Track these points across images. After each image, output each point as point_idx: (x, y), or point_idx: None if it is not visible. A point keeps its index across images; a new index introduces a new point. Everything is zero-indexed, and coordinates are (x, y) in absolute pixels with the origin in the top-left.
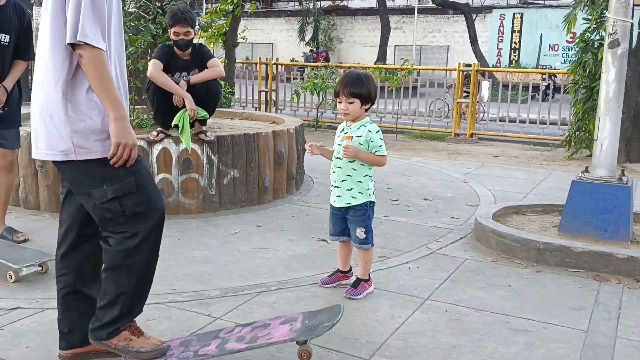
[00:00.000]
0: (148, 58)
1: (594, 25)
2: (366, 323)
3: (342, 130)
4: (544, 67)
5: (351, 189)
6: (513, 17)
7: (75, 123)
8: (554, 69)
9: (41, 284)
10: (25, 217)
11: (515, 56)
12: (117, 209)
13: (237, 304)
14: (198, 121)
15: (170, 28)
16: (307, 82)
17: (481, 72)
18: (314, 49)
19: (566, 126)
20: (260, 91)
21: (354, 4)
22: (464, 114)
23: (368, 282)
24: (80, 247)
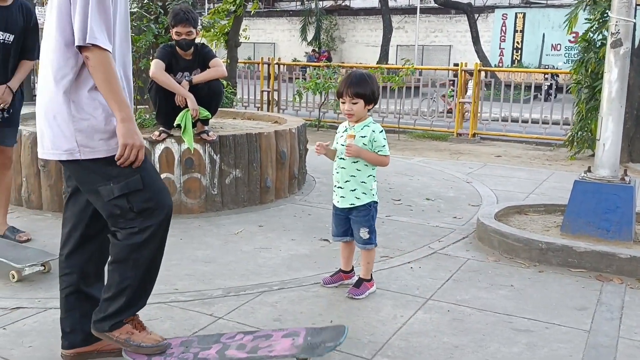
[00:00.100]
0: (150, 58)
1: (596, 25)
2: (368, 323)
3: (345, 130)
4: (547, 67)
5: (355, 190)
6: (515, 17)
7: (78, 122)
8: (557, 69)
9: (44, 284)
10: (27, 217)
11: (517, 56)
12: (125, 206)
13: (239, 304)
14: (200, 121)
15: (172, 28)
16: (309, 82)
17: (469, 72)
18: (316, 49)
19: (568, 126)
20: (262, 91)
21: (356, 4)
22: (451, 112)
23: (370, 282)
24: (84, 247)
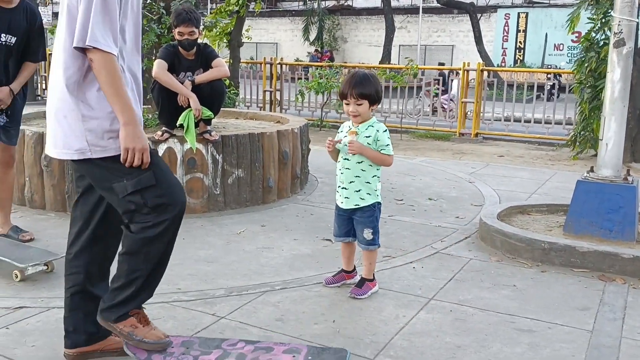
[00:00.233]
0: (153, 58)
1: (599, 24)
2: (370, 323)
3: (349, 129)
4: (549, 67)
5: (359, 190)
6: (518, 17)
7: (88, 122)
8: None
9: (46, 283)
10: (30, 217)
11: (520, 56)
12: (140, 202)
13: (242, 304)
14: (203, 121)
15: (174, 28)
16: (312, 82)
17: (451, 71)
18: (319, 49)
19: (571, 126)
20: (264, 91)
21: (359, 4)
22: (436, 110)
23: (372, 282)
24: (91, 247)
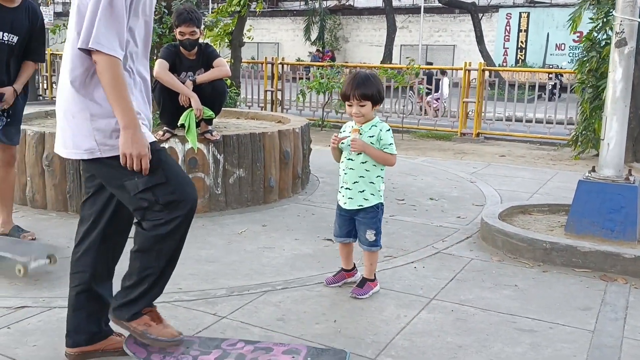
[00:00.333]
0: (154, 58)
1: (600, 24)
2: (372, 323)
3: (352, 128)
4: (551, 67)
5: (363, 191)
6: (519, 17)
7: (96, 121)
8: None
9: (48, 283)
10: (32, 216)
11: (521, 55)
12: (151, 199)
13: (243, 303)
14: (204, 121)
15: (176, 28)
16: (313, 82)
17: (439, 71)
18: (320, 49)
19: (573, 126)
20: (266, 91)
21: (360, 3)
22: (435, 111)
23: (374, 282)
24: (100, 246)
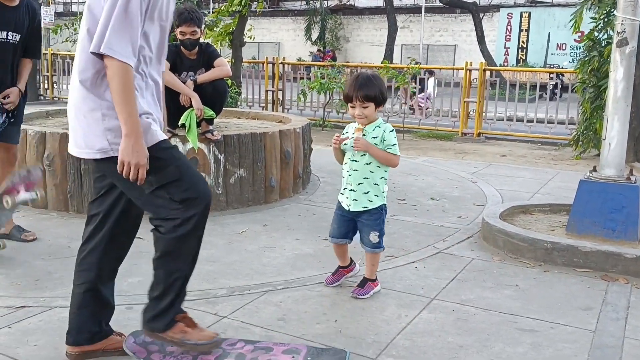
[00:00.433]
0: None
1: (601, 24)
2: (373, 322)
3: (354, 132)
4: (552, 66)
5: (368, 192)
6: (520, 16)
7: (108, 121)
8: (562, 68)
9: (49, 282)
10: (33, 216)
11: (522, 55)
12: (166, 197)
13: (244, 303)
14: (205, 120)
15: (176, 27)
16: (314, 82)
17: (427, 71)
18: (321, 49)
19: (574, 125)
20: (267, 90)
21: (361, 3)
22: (413, 109)
23: (375, 282)
24: (107, 246)
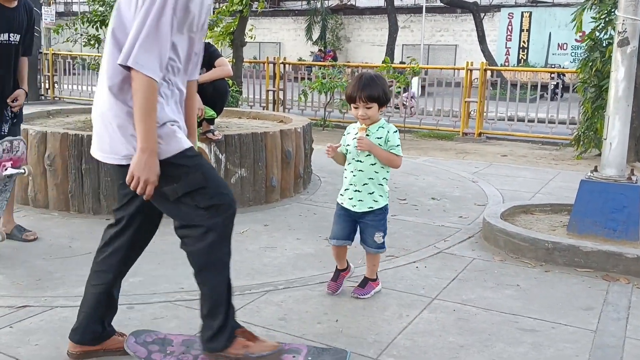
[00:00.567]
0: None
1: (602, 23)
2: (374, 322)
3: (357, 133)
4: (553, 66)
5: (373, 193)
6: (521, 16)
7: (134, 128)
8: (563, 68)
9: (50, 282)
10: (34, 216)
11: (523, 55)
12: (191, 204)
13: (245, 303)
14: (206, 120)
15: None
16: (315, 82)
17: (410, 72)
18: (322, 48)
19: (575, 125)
20: (267, 90)
21: (362, 3)
22: (398, 108)
23: (375, 282)
24: (126, 251)
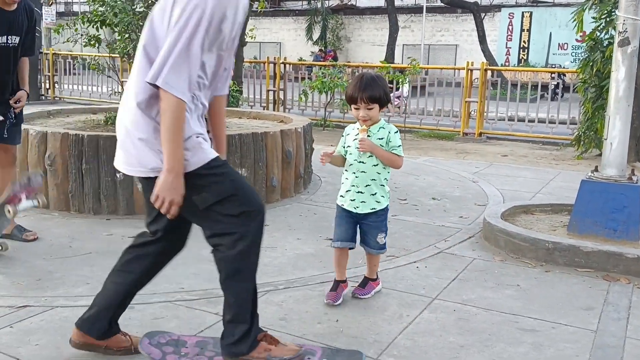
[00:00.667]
0: None
1: (603, 23)
2: (374, 322)
3: (357, 134)
4: (553, 66)
5: (375, 194)
6: (522, 16)
7: (160, 143)
8: (563, 68)
9: (50, 282)
10: (34, 216)
11: (524, 55)
12: (223, 212)
13: None
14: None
15: None
16: (315, 82)
17: (409, 72)
18: (322, 48)
19: (575, 125)
20: (268, 90)
21: (362, 3)
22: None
23: (376, 281)
24: (156, 258)
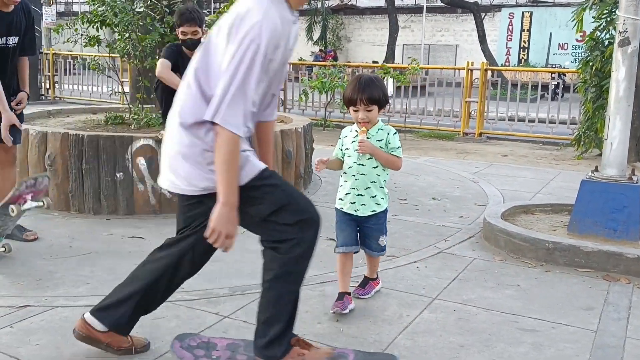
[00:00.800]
0: (156, 57)
1: (604, 23)
2: (374, 322)
3: (356, 135)
4: (554, 66)
5: (375, 196)
6: (522, 16)
7: (211, 164)
8: (564, 68)
9: (50, 282)
10: (34, 216)
11: (524, 55)
12: (279, 222)
13: (246, 303)
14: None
15: (178, 27)
16: (316, 82)
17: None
18: (322, 48)
19: (576, 125)
20: None
21: (362, 3)
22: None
23: (376, 281)
24: (177, 266)
